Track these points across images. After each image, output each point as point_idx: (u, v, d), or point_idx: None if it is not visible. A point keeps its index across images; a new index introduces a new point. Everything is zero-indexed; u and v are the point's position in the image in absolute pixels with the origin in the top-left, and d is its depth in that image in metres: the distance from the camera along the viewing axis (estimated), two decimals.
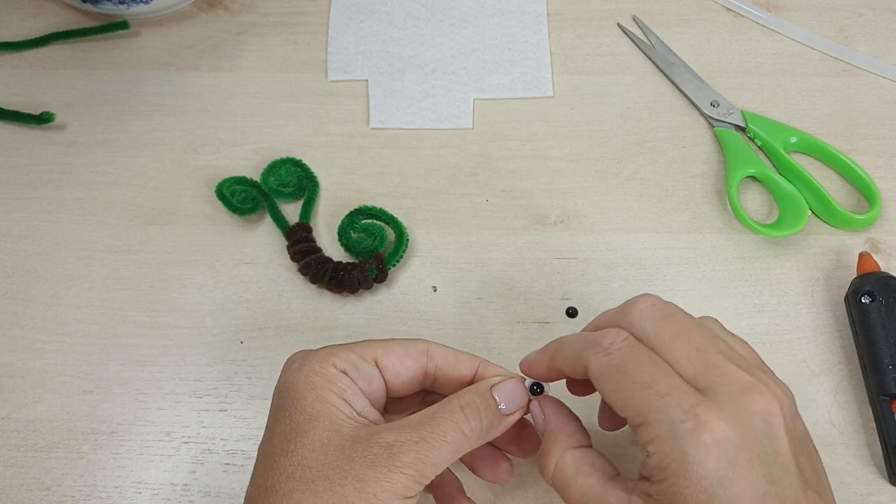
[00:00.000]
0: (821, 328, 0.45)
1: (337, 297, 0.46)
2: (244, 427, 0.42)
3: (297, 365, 0.34)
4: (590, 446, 0.35)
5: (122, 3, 0.54)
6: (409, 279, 0.46)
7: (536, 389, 0.36)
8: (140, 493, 0.41)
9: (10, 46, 0.55)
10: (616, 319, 0.34)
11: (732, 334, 0.34)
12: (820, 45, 0.54)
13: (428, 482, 0.32)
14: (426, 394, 0.38)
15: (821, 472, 0.33)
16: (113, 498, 0.41)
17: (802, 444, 0.32)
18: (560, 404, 0.36)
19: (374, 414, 0.34)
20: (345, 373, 0.33)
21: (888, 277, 0.43)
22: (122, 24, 0.54)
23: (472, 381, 0.35)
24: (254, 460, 0.42)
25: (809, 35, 0.55)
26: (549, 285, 0.46)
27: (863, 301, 0.43)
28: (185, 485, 0.41)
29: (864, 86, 0.53)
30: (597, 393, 0.34)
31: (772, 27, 0.55)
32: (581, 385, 0.37)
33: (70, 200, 0.49)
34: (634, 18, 0.56)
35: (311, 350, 0.35)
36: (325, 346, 0.35)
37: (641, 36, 0.55)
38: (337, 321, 0.45)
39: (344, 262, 0.46)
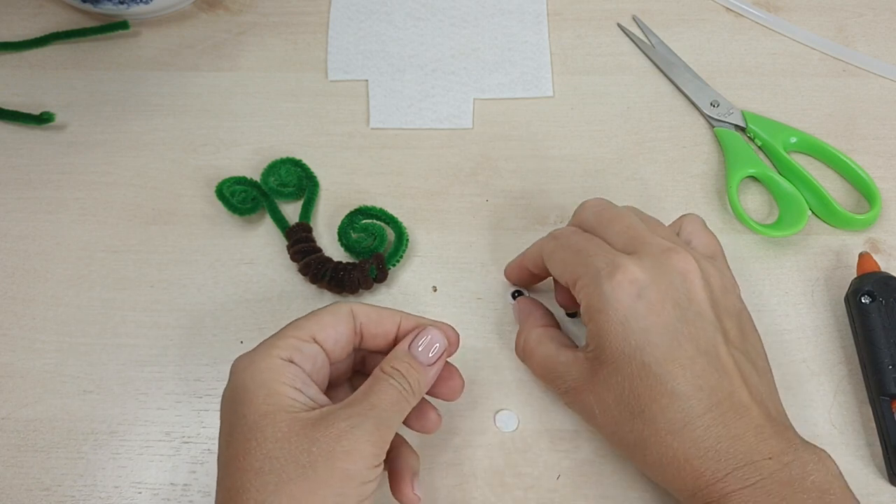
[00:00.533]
0: (821, 328, 0.45)
1: (337, 297, 0.46)
2: None
3: (241, 366, 0.34)
4: (554, 326, 0.42)
5: (122, 3, 0.54)
6: (409, 279, 0.46)
7: (516, 294, 0.45)
8: (140, 493, 0.41)
9: (10, 46, 0.55)
10: (571, 221, 0.41)
11: (656, 219, 0.40)
12: (820, 45, 0.54)
13: (387, 447, 0.33)
14: (356, 352, 0.38)
15: (752, 340, 0.37)
16: (113, 498, 0.41)
17: (729, 312, 0.37)
18: (531, 299, 0.44)
19: (323, 398, 0.34)
20: (291, 361, 0.34)
21: (888, 277, 0.43)
22: (122, 24, 0.54)
23: (396, 335, 0.37)
24: None
25: (809, 35, 0.55)
26: (549, 285, 0.46)
27: (863, 301, 0.43)
28: (185, 485, 0.41)
29: (864, 86, 0.53)
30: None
31: (772, 27, 0.56)
32: (561, 292, 0.43)
33: (70, 200, 0.49)
34: (634, 18, 0.56)
35: (251, 350, 0.35)
36: (263, 341, 0.35)
37: (641, 36, 0.55)
38: None
39: (344, 262, 0.46)
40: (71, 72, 0.54)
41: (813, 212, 0.48)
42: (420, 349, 0.36)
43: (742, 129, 0.51)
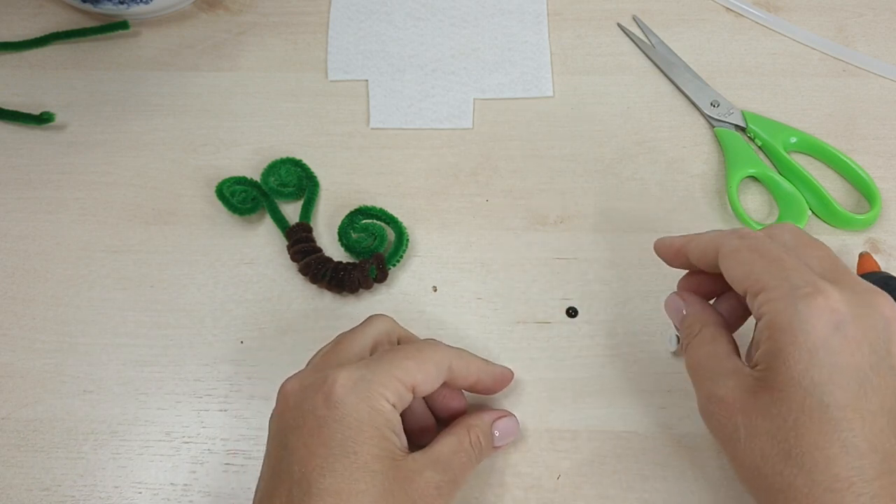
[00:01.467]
0: None
1: (337, 297, 0.46)
2: (244, 427, 0.42)
3: (353, 399, 0.33)
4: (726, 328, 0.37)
5: (122, 3, 0.54)
6: (409, 279, 0.46)
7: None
8: (140, 493, 0.41)
9: (10, 46, 0.55)
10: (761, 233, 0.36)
11: None
12: (820, 45, 0.54)
13: None
14: None
15: None
16: (113, 498, 0.41)
17: None
18: (698, 297, 0.39)
19: (405, 441, 0.36)
20: (394, 406, 0.34)
21: (888, 277, 0.43)
22: (122, 24, 0.54)
23: (474, 383, 0.39)
24: (254, 460, 0.42)
25: (809, 35, 0.55)
26: (549, 285, 0.46)
27: None
28: (185, 485, 0.41)
29: (864, 86, 0.53)
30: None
31: (772, 27, 0.56)
32: (695, 278, 0.39)
33: (70, 200, 0.49)
34: (634, 18, 0.56)
35: (358, 376, 0.34)
36: (366, 367, 0.35)
37: (641, 36, 0.55)
38: (337, 321, 0.45)
39: (344, 262, 0.46)
40: (71, 72, 0.54)
41: (813, 212, 0.48)
42: (498, 434, 0.39)
43: (742, 129, 0.51)
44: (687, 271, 0.39)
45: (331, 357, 0.37)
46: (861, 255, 0.45)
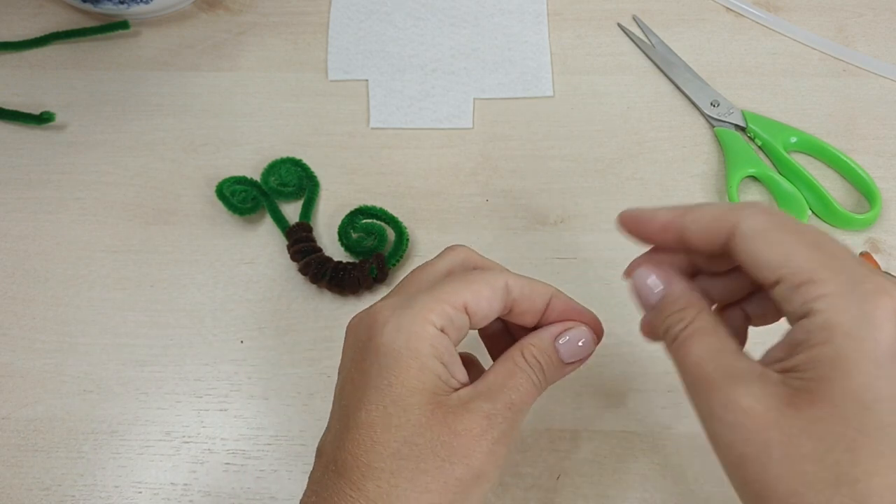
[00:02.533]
0: None
1: (337, 297, 0.46)
2: (244, 427, 0.42)
3: (392, 325, 0.31)
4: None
5: (122, 3, 0.54)
6: None
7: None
8: (140, 492, 0.41)
9: (10, 46, 0.55)
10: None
11: None
12: (820, 45, 0.54)
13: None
14: None
15: None
16: (113, 498, 0.41)
17: None
18: (679, 274, 0.33)
19: (462, 374, 0.32)
20: (443, 331, 0.31)
21: (888, 277, 0.43)
22: (122, 24, 0.54)
23: (545, 311, 0.34)
24: (254, 460, 0.42)
25: (809, 35, 0.55)
26: None
27: None
28: (186, 485, 0.41)
29: (864, 86, 0.53)
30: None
31: (772, 27, 0.56)
32: (669, 256, 0.33)
33: (70, 200, 0.49)
34: (634, 18, 0.56)
35: (400, 305, 0.31)
36: (410, 296, 0.32)
37: (641, 36, 0.55)
38: (337, 321, 0.45)
39: (344, 261, 0.46)
40: (71, 72, 0.54)
41: (813, 212, 0.48)
42: (565, 346, 0.33)
43: (742, 129, 0.51)
44: (652, 208, 0.33)
45: (399, 289, 0.34)
46: (861, 255, 0.45)
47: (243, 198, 0.48)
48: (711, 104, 0.52)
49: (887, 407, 0.25)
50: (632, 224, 0.34)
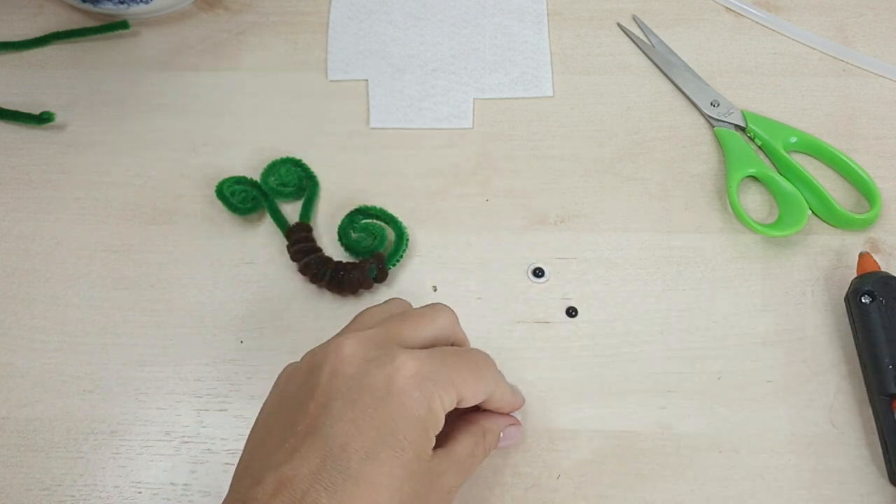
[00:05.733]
0: (821, 328, 0.45)
1: (337, 297, 0.46)
2: (244, 427, 0.42)
3: (417, 394, 0.32)
4: None
5: (122, 2, 0.54)
6: (409, 279, 0.46)
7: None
8: (140, 492, 0.41)
9: (10, 46, 0.55)
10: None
11: None
12: (820, 45, 0.54)
13: None
14: None
15: None
16: (113, 498, 0.41)
17: None
18: None
19: None
20: (444, 411, 0.33)
21: (888, 277, 0.43)
22: (122, 24, 0.54)
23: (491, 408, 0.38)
24: None
25: (809, 35, 0.55)
26: (549, 285, 0.46)
27: (863, 301, 0.43)
28: (185, 485, 0.41)
29: (864, 86, 0.53)
30: None
31: (772, 27, 0.55)
32: None
33: (70, 200, 0.49)
34: (634, 18, 0.56)
35: (418, 371, 0.32)
36: (431, 367, 0.33)
37: (641, 36, 0.55)
38: (337, 321, 0.45)
39: (344, 262, 0.46)
40: (71, 72, 0.54)
41: (813, 212, 0.48)
42: (504, 439, 0.39)
43: (742, 129, 0.51)
44: None
45: (392, 333, 0.35)
46: (861, 255, 0.45)
47: (243, 198, 0.48)
48: (711, 104, 0.52)
49: None
50: None
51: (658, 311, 0.45)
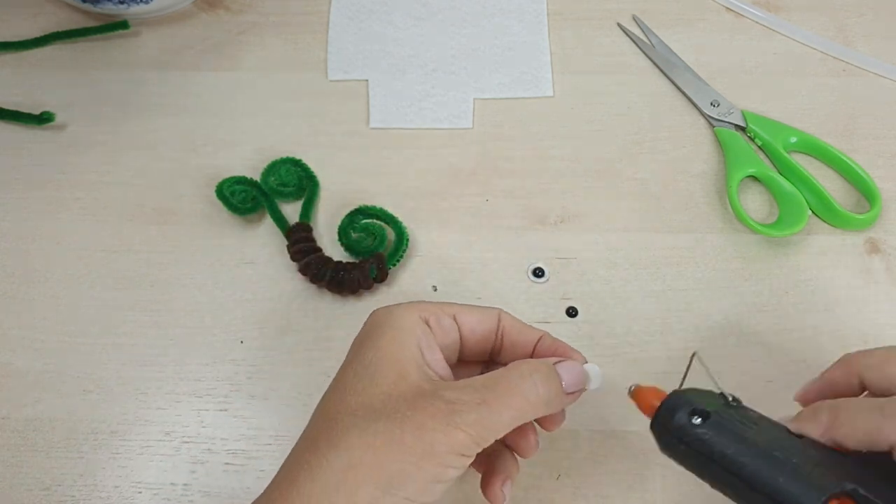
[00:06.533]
0: (820, 328, 0.45)
1: (337, 297, 0.46)
2: (244, 427, 0.42)
3: (383, 310, 0.34)
4: None
5: (122, 3, 0.54)
6: (409, 279, 0.46)
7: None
8: (140, 492, 0.41)
9: (10, 46, 0.55)
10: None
11: None
12: (820, 45, 0.54)
13: (487, 444, 0.31)
14: (489, 365, 0.37)
15: None
16: (113, 498, 0.41)
17: None
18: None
19: (443, 369, 0.33)
20: (426, 322, 0.34)
21: (696, 392, 0.33)
22: (122, 24, 0.54)
23: (532, 354, 0.35)
24: (254, 459, 0.42)
25: (809, 35, 0.55)
26: (549, 285, 0.46)
27: (695, 424, 0.32)
28: (185, 484, 0.41)
29: (864, 86, 0.53)
30: None
31: (772, 27, 0.56)
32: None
33: (70, 200, 0.49)
34: (634, 18, 0.56)
35: (393, 304, 0.35)
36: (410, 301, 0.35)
37: (641, 36, 0.55)
38: (337, 321, 0.45)
39: (344, 261, 0.46)
40: (71, 72, 0.54)
41: (813, 211, 0.48)
42: (566, 374, 0.33)
43: (742, 129, 0.51)
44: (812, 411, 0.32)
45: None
46: (634, 389, 0.34)
47: (243, 198, 0.48)
48: (711, 104, 0.52)
49: None
50: (800, 427, 0.32)
51: (658, 311, 0.45)
